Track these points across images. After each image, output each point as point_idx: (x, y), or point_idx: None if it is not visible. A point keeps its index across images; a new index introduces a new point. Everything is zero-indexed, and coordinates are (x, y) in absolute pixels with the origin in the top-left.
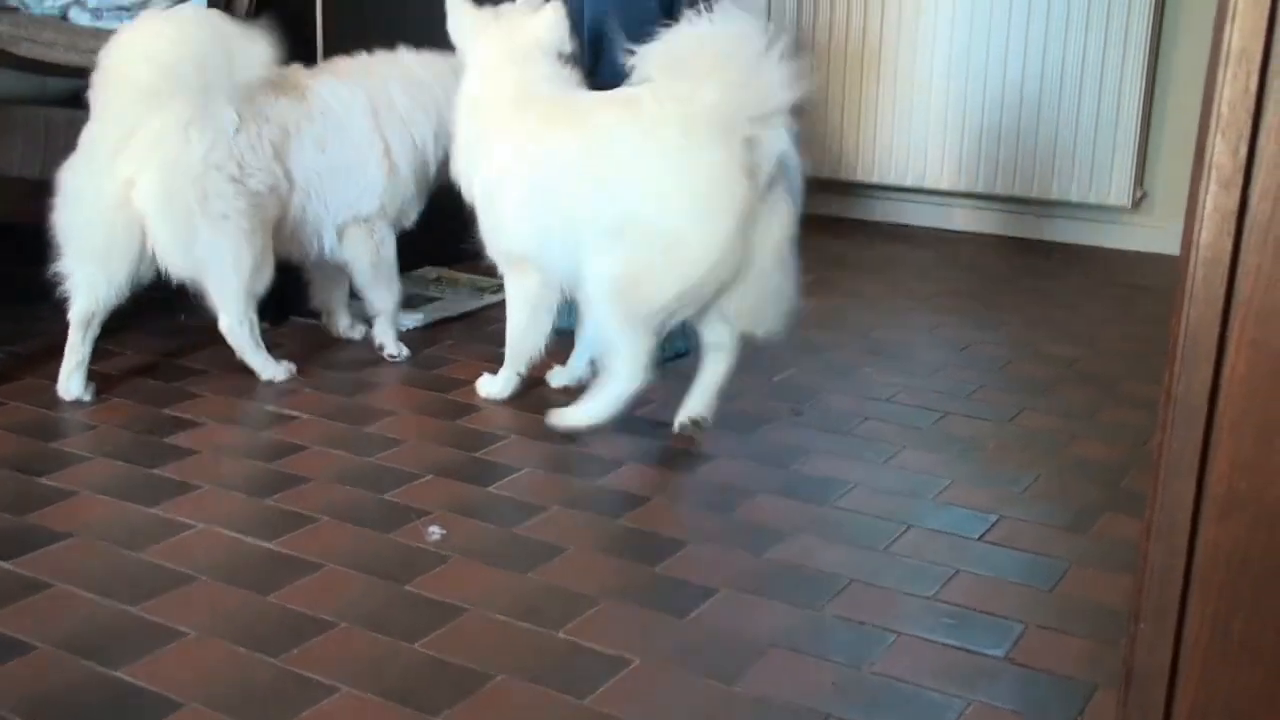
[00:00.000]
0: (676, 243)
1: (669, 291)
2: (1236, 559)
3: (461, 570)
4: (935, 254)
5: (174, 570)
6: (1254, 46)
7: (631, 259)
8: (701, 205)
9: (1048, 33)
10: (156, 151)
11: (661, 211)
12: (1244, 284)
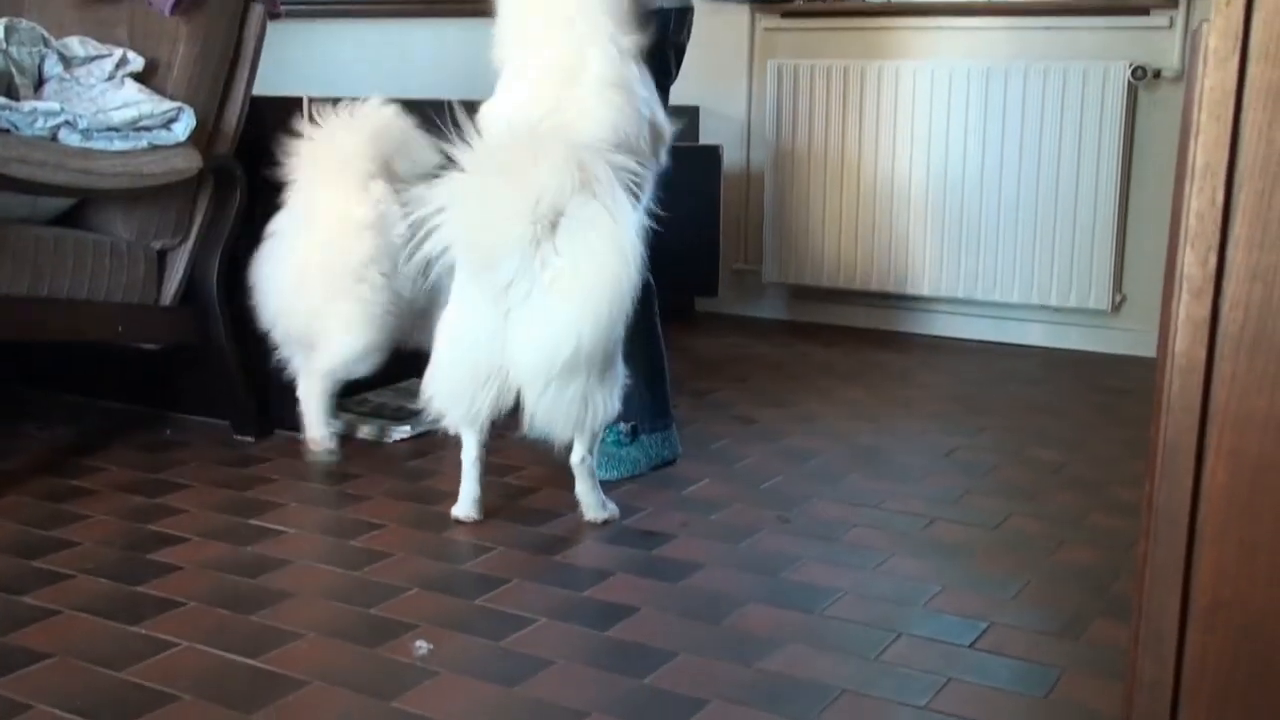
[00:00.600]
0: (445, 329)
1: (452, 385)
2: (1224, 668)
3: (449, 685)
4: (918, 359)
5: (156, 690)
6: (1218, 161)
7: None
8: (455, 289)
9: (1023, 143)
10: (335, 228)
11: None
12: (1219, 392)
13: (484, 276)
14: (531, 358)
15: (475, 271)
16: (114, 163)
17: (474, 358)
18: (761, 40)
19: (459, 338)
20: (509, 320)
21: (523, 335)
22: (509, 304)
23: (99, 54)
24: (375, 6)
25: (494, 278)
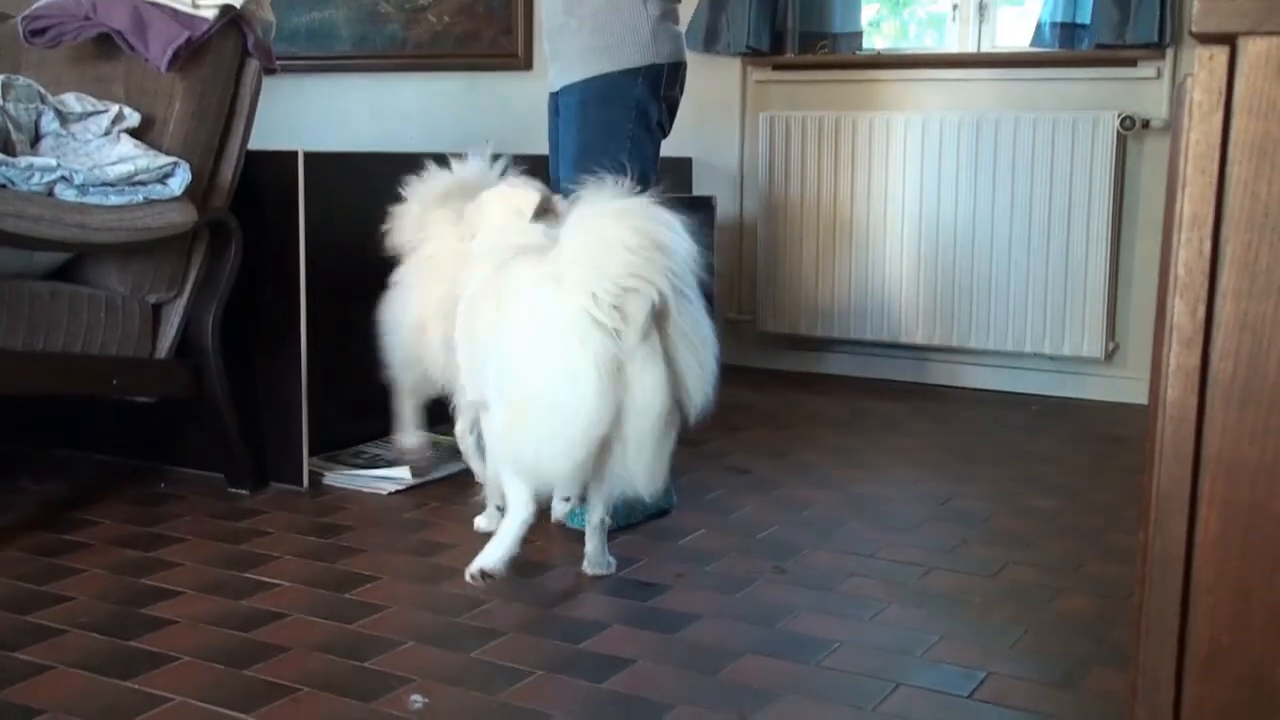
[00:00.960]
0: (548, 397)
1: (553, 449)
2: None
3: None
4: (912, 408)
5: None
6: (1205, 212)
7: (511, 421)
8: (561, 356)
9: (1014, 192)
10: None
11: (533, 361)
12: (1211, 441)
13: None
14: (655, 399)
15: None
16: (110, 217)
17: (591, 406)
18: (753, 92)
19: (573, 384)
20: (632, 362)
21: (650, 377)
22: (632, 345)
23: (96, 110)
24: (367, 61)
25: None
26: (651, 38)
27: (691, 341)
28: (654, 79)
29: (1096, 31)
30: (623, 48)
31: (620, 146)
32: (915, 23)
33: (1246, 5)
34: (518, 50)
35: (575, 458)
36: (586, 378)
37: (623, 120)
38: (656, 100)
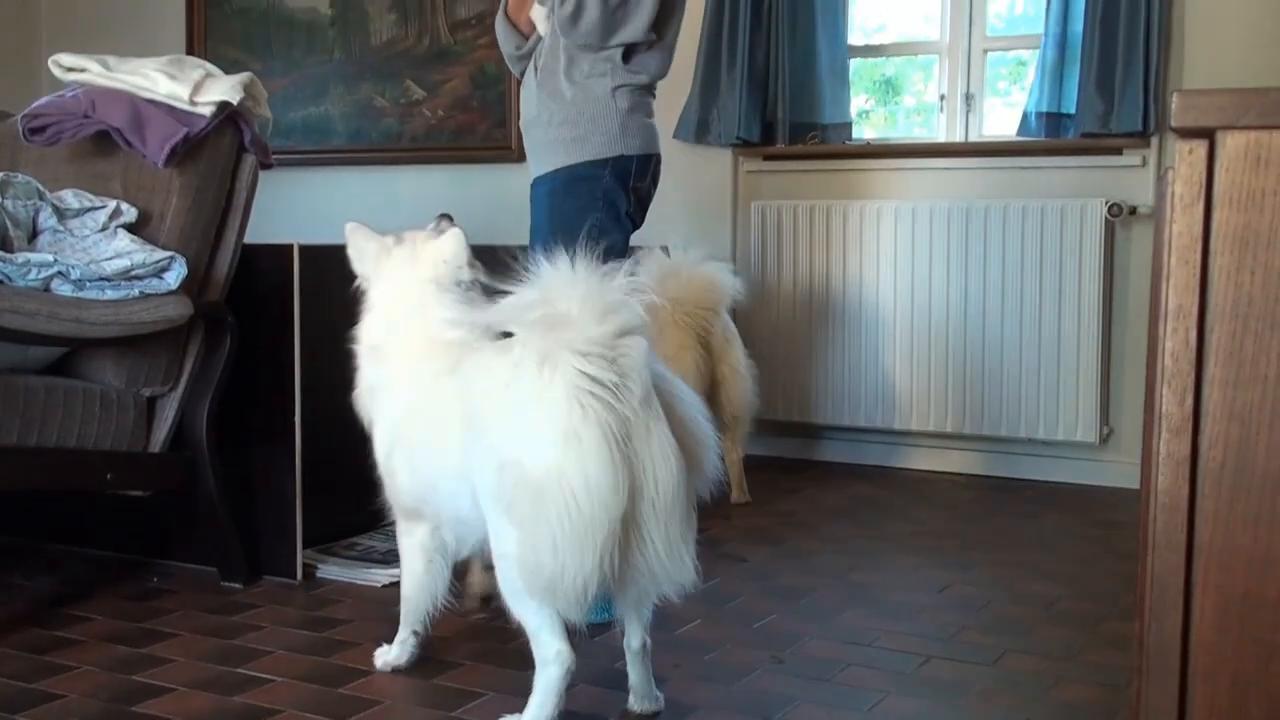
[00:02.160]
0: (555, 481)
1: (572, 542)
2: None
3: None
4: (907, 495)
5: None
6: (1189, 303)
7: (522, 527)
8: (562, 428)
9: (1004, 278)
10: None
11: (531, 447)
12: (1203, 530)
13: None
14: (669, 465)
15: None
16: (106, 312)
17: (605, 479)
18: (744, 182)
19: (580, 455)
20: (636, 428)
21: (659, 441)
22: (637, 402)
23: (93, 206)
24: (363, 154)
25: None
26: (620, 130)
27: (684, 408)
28: (622, 170)
29: (1082, 121)
30: (591, 139)
31: (587, 235)
32: (903, 113)
33: (1224, 100)
34: (511, 143)
35: (597, 548)
36: (594, 445)
37: (589, 210)
38: (625, 191)
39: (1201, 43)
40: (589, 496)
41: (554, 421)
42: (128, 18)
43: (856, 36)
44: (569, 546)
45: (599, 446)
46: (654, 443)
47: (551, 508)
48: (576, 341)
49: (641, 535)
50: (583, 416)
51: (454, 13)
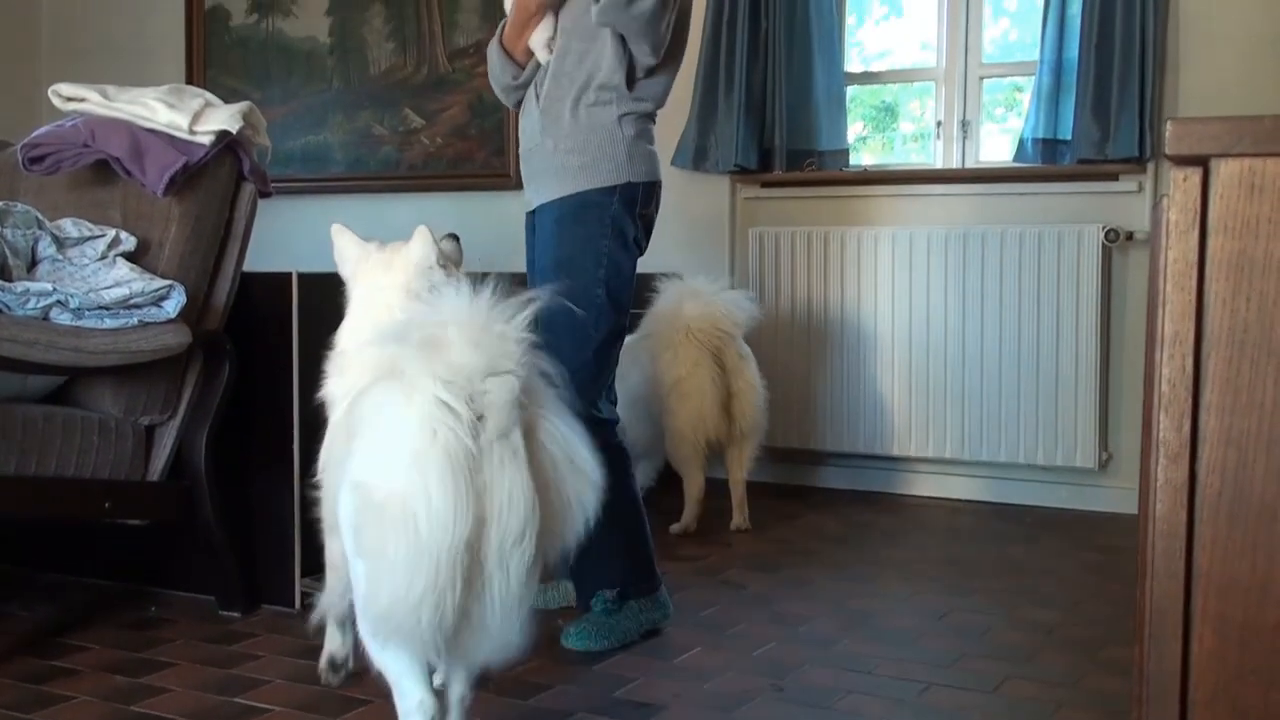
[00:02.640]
0: (399, 504)
1: (410, 570)
2: None
3: None
4: (907, 521)
5: None
6: (1185, 330)
7: (368, 557)
8: (409, 451)
9: (1002, 304)
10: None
11: (381, 469)
12: (1201, 557)
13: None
14: (517, 504)
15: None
16: (104, 340)
17: (444, 505)
18: (742, 209)
19: (423, 481)
20: (489, 461)
21: (510, 478)
22: (492, 435)
23: (92, 235)
24: (362, 182)
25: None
26: (627, 157)
27: (559, 468)
28: (630, 197)
29: (1078, 147)
30: (599, 166)
31: (596, 262)
32: (900, 139)
33: (1217, 129)
34: (509, 170)
35: (436, 577)
36: (438, 470)
37: (598, 236)
38: (632, 218)
39: (1196, 69)
40: (429, 521)
41: (403, 444)
42: (127, 47)
43: (853, 64)
44: (406, 574)
45: (442, 472)
46: (506, 481)
47: (391, 532)
48: (441, 369)
49: (483, 574)
50: (431, 442)
51: (452, 42)
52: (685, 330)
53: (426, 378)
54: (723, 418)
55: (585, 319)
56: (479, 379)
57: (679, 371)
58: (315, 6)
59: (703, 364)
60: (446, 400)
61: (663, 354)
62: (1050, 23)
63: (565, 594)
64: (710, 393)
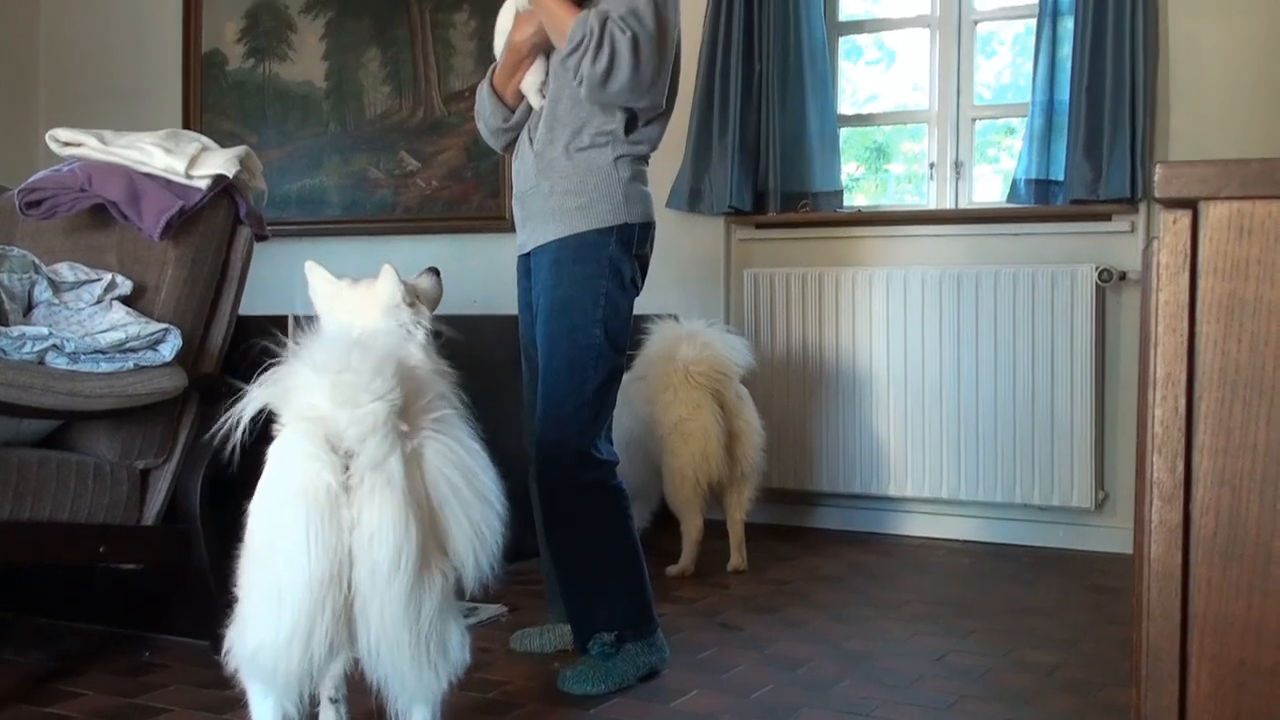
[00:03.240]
0: (259, 538)
1: (271, 606)
2: None
3: None
4: (903, 561)
5: None
6: (1177, 371)
7: (241, 597)
8: (271, 485)
9: (997, 344)
10: None
11: (255, 504)
12: (1197, 598)
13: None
14: (384, 533)
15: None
16: (100, 384)
17: (295, 542)
18: (736, 250)
19: (278, 517)
20: (357, 491)
21: (377, 506)
22: (362, 469)
23: (88, 279)
24: (358, 225)
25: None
26: (624, 198)
27: (458, 491)
28: (626, 238)
29: (1070, 188)
30: (596, 207)
31: (595, 303)
32: (894, 180)
33: (1206, 172)
34: (505, 213)
35: (298, 620)
36: (290, 512)
37: (596, 277)
38: (629, 258)
39: (1186, 111)
40: (286, 561)
41: (266, 487)
42: (125, 92)
43: (846, 105)
44: (273, 616)
45: (296, 512)
46: (376, 511)
47: (256, 574)
48: (298, 409)
49: (361, 606)
50: (287, 483)
51: (447, 85)
52: (684, 371)
53: (289, 421)
54: (724, 459)
55: (584, 359)
56: (340, 415)
57: (680, 412)
58: (311, 51)
59: (704, 405)
60: (303, 440)
61: (661, 395)
62: (1041, 65)
63: (562, 637)
64: (714, 433)
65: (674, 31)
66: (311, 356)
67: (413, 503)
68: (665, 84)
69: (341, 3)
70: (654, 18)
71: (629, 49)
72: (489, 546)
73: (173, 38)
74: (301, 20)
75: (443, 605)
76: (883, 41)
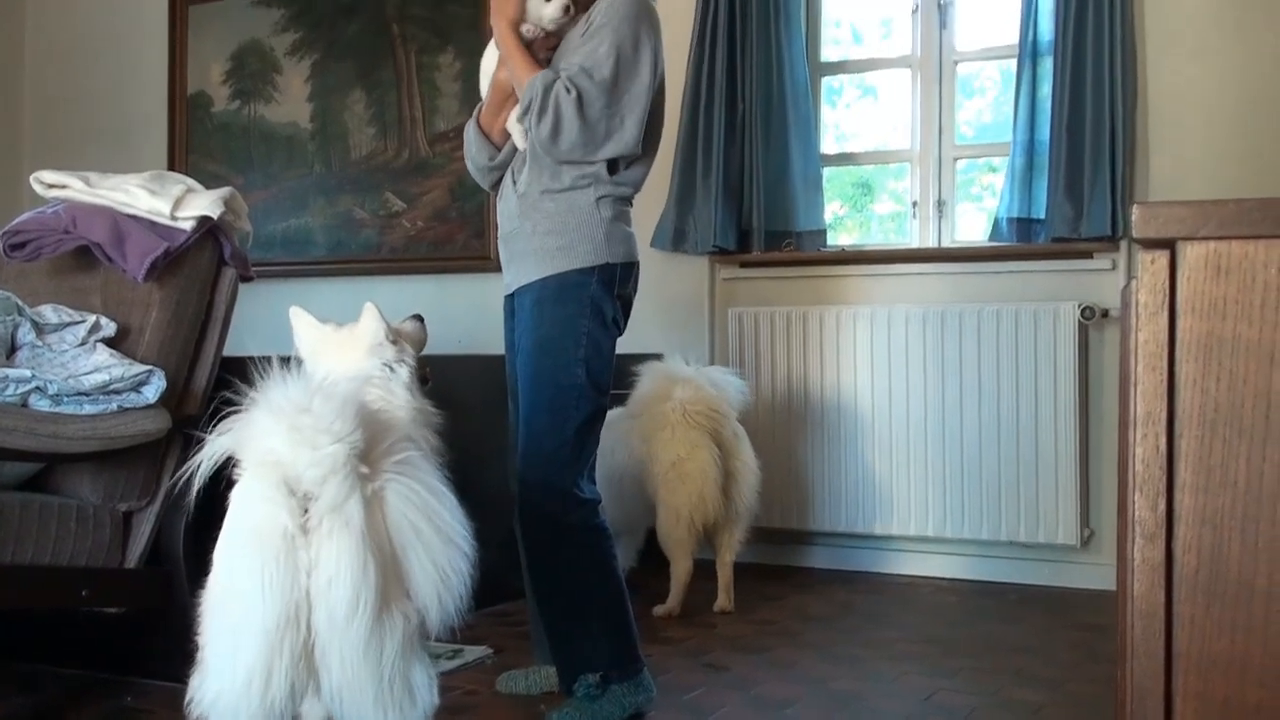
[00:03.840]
0: (218, 583)
1: (229, 650)
2: None
3: None
4: (890, 600)
5: None
6: (1158, 410)
7: (202, 646)
8: (228, 530)
9: (981, 382)
10: None
11: (216, 550)
12: (1181, 636)
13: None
14: (340, 576)
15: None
16: (83, 427)
17: (251, 586)
18: (721, 290)
19: (230, 562)
20: (315, 533)
21: (334, 548)
22: (321, 512)
23: (72, 320)
24: (343, 265)
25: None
26: (605, 238)
27: (421, 533)
28: (608, 277)
29: (1051, 226)
30: (577, 247)
31: (576, 342)
32: (877, 219)
33: (1183, 212)
34: (489, 253)
35: (256, 665)
36: (243, 557)
37: (578, 317)
38: (611, 298)
39: (1165, 150)
40: (241, 606)
41: (227, 524)
42: (110, 134)
43: (829, 145)
44: (230, 661)
45: (250, 557)
46: (334, 553)
47: (214, 619)
48: (263, 450)
49: (321, 649)
50: (242, 528)
51: (433, 126)
52: (681, 410)
53: (248, 466)
54: (720, 499)
55: (566, 399)
56: (299, 458)
57: (678, 451)
58: (297, 93)
59: (702, 445)
60: (260, 484)
61: (657, 434)
62: (1022, 104)
63: (548, 678)
64: (712, 474)
65: (645, 76)
66: (270, 401)
67: (373, 545)
68: (632, 131)
69: (327, 45)
70: (613, 67)
71: (574, 109)
72: (455, 588)
73: (158, 80)
74: (287, 62)
75: (405, 647)
76: (865, 82)
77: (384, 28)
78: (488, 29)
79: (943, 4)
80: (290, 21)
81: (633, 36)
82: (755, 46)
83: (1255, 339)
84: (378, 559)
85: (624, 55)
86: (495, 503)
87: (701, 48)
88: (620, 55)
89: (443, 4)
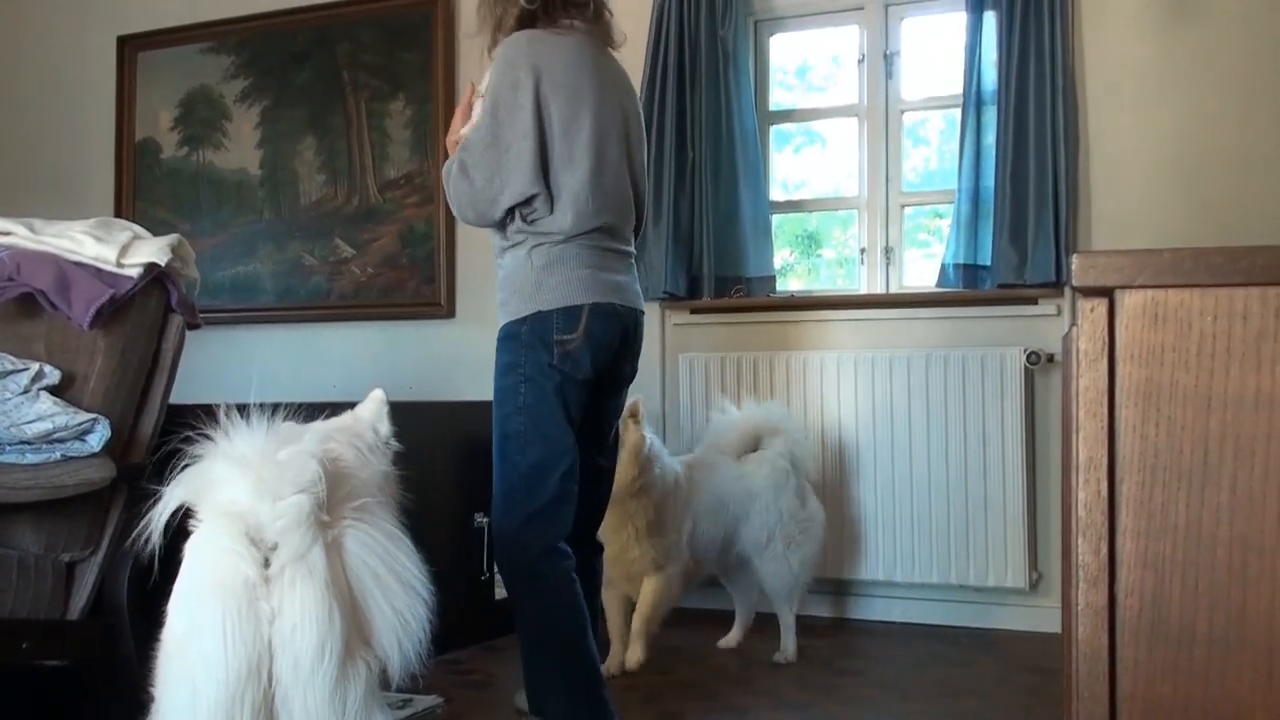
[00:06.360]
0: (173, 636)
1: (186, 703)
2: None
3: None
4: (842, 645)
5: None
6: (1099, 455)
7: (156, 699)
8: (185, 582)
9: (929, 427)
10: None
11: (172, 602)
12: (1125, 680)
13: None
14: (304, 624)
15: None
16: (25, 476)
17: (211, 639)
18: (672, 335)
19: (191, 614)
20: (277, 582)
21: (298, 597)
22: (282, 562)
23: (15, 369)
24: (292, 312)
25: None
26: (535, 287)
27: (380, 579)
28: (540, 325)
29: (997, 272)
30: (510, 302)
31: (515, 390)
32: (825, 266)
33: (1121, 261)
34: (440, 299)
35: (212, 715)
36: (205, 609)
37: (516, 367)
38: (547, 344)
39: (1106, 197)
40: (201, 658)
41: (184, 574)
42: (56, 180)
43: (777, 192)
44: (185, 706)
45: (211, 608)
46: (297, 602)
47: (173, 671)
48: (224, 500)
49: (283, 699)
50: (200, 570)
51: (383, 173)
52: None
53: (207, 516)
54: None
55: (510, 446)
56: (262, 509)
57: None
58: (247, 139)
59: None
60: (220, 534)
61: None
62: (967, 153)
63: None
64: None
65: (527, 110)
66: (231, 450)
67: (335, 593)
68: (522, 175)
69: (278, 91)
70: (489, 125)
71: (462, 182)
72: (414, 634)
73: (105, 126)
74: (237, 109)
75: (367, 696)
76: (813, 130)
77: (335, 75)
78: (439, 76)
79: (888, 54)
80: (240, 69)
81: (509, 80)
82: (704, 93)
83: (1192, 385)
84: (341, 606)
85: (501, 104)
86: (441, 547)
87: (651, 94)
88: (496, 106)
89: (394, 51)
